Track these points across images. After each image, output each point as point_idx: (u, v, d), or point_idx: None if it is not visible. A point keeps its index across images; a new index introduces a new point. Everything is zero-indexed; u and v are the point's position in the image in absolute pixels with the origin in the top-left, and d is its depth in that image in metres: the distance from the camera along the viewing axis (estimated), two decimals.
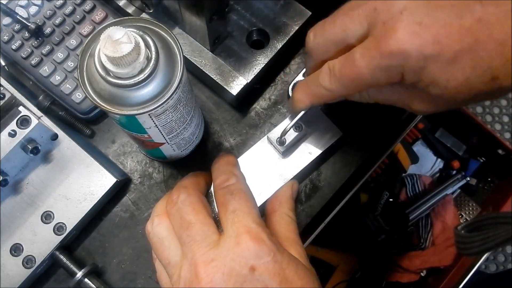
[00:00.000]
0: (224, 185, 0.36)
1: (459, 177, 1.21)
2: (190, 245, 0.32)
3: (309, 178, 0.48)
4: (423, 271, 1.17)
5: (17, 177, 0.44)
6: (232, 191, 0.35)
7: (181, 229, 0.33)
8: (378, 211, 1.15)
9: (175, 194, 0.35)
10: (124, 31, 0.30)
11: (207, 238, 0.32)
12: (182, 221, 0.34)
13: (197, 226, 0.33)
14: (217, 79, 0.46)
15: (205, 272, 0.31)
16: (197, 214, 0.34)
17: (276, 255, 0.32)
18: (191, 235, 0.33)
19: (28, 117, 0.42)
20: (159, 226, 0.35)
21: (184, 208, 0.34)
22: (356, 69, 0.31)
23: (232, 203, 0.34)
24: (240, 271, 0.31)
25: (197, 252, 0.32)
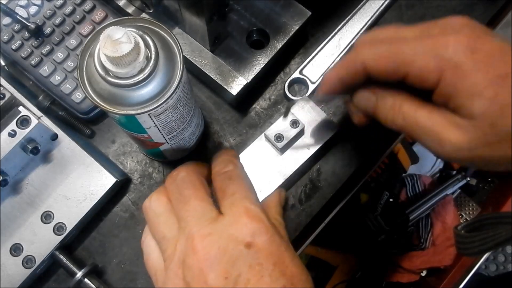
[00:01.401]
0: (222, 171, 0.36)
1: (459, 177, 1.21)
2: (187, 220, 0.32)
3: (309, 178, 0.48)
4: (423, 271, 1.17)
5: (17, 177, 0.44)
6: (230, 176, 0.35)
7: (180, 204, 0.34)
8: (378, 211, 1.15)
9: (175, 171, 0.36)
10: (124, 31, 0.30)
11: (205, 214, 0.32)
12: (181, 196, 0.34)
13: (196, 202, 0.33)
14: (217, 79, 0.46)
15: (201, 245, 0.31)
16: (196, 191, 0.34)
17: (274, 236, 0.32)
18: (189, 210, 0.33)
19: (28, 117, 0.42)
20: (157, 201, 0.35)
21: (183, 184, 0.34)
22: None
23: (230, 187, 0.34)
24: (236, 246, 0.31)
25: (194, 227, 0.32)
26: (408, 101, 0.36)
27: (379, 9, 0.51)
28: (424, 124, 0.35)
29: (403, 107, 0.36)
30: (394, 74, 0.34)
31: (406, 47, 0.34)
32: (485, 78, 0.31)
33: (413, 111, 0.35)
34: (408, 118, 0.36)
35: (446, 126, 0.34)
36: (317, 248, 1.14)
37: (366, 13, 0.51)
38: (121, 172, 0.47)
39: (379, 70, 0.35)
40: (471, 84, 0.32)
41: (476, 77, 0.32)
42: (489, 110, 0.31)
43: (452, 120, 0.33)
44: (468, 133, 0.32)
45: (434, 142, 0.34)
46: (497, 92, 0.31)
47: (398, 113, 0.36)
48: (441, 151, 0.34)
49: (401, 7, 0.53)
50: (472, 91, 0.32)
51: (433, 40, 0.33)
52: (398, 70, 0.34)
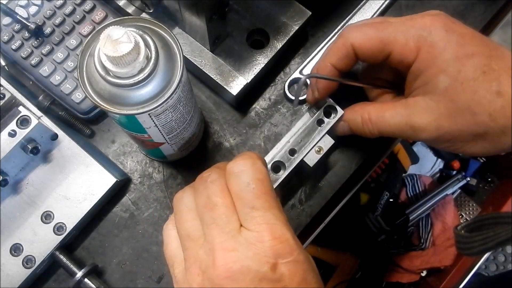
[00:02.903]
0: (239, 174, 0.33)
1: (459, 177, 1.21)
2: (211, 228, 0.31)
3: (309, 177, 0.48)
4: (423, 271, 1.17)
5: (17, 177, 0.44)
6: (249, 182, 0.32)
7: (205, 208, 0.32)
8: (378, 211, 1.15)
9: (206, 172, 0.34)
10: (124, 31, 0.30)
11: (229, 225, 0.31)
12: (208, 200, 0.32)
13: (222, 210, 0.32)
14: (217, 79, 0.46)
15: (224, 260, 0.30)
16: (224, 197, 0.32)
17: (299, 255, 0.31)
18: (214, 217, 0.31)
19: (28, 117, 0.42)
20: (190, 196, 0.34)
21: (212, 188, 0.33)
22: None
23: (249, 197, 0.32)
24: (260, 267, 0.30)
25: (217, 238, 0.31)
26: (373, 109, 0.40)
27: (379, 9, 0.51)
28: (394, 122, 0.38)
29: (372, 117, 0.40)
30: (379, 53, 0.38)
31: (390, 28, 0.37)
32: (453, 56, 0.35)
33: (381, 116, 0.39)
34: (381, 124, 0.39)
35: (412, 114, 0.37)
36: (317, 248, 1.14)
37: (366, 13, 0.51)
38: (121, 172, 0.47)
39: (367, 50, 0.38)
40: (440, 61, 0.35)
41: (446, 54, 0.35)
42: (451, 86, 0.35)
43: (417, 105, 0.37)
44: (432, 112, 0.36)
45: (409, 132, 0.38)
46: (460, 70, 0.34)
47: (370, 125, 0.40)
48: (417, 137, 0.37)
49: (401, 7, 0.53)
50: (439, 68, 0.35)
51: (412, 22, 0.37)
52: (383, 49, 0.37)
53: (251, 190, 0.32)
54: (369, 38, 0.38)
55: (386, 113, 0.39)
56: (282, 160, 0.41)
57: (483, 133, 0.35)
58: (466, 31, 0.36)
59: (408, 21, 0.37)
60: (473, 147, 0.36)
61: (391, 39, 0.37)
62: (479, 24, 0.53)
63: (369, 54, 0.38)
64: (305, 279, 0.31)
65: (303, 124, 0.43)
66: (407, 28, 0.37)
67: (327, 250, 1.15)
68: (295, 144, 0.42)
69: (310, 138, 0.42)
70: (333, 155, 0.49)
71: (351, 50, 0.39)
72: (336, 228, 1.08)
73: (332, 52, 0.40)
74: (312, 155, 0.42)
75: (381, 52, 0.38)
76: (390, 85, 0.44)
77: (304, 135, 0.43)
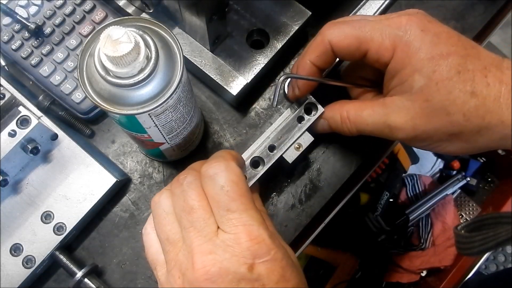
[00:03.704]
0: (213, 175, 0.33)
1: (459, 177, 1.21)
2: (189, 231, 0.32)
3: (309, 178, 0.48)
4: (423, 271, 1.16)
5: (17, 177, 0.44)
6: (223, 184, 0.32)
7: (183, 212, 0.33)
8: (378, 211, 1.14)
9: (182, 175, 0.35)
10: (124, 31, 0.30)
11: (206, 228, 0.32)
12: (185, 204, 0.33)
13: (199, 213, 0.32)
14: (217, 79, 0.46)
15: (202, 263, 0.30)
16: (201, 200, 0.33)
17: (277, 253, 0.31)
18: (192, 221, 0.32)
19: (28, 117, 0.42)
20: (168, 200, 0.34)
21: (189, 191, 0.33)
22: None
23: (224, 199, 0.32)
24: (238, 268, 0.30)
25: (195, 241, 0.31)
26: (352, 107, 0.40)
27: (379, 9, 0.51)
28: (372, 120, 0.38)
29: (350, 115, 0.40)
30: (356, 51, 0.38)
31: (367, 26, 0.37)
32: (428, 56, 0.35)
33: (359, 115, 0.39)
34: (359, 123, 0.40)
35: (389, 113, 0.37)
36: (317, 248, 1.14)
37: (366, 13, 0.51)
38: (121, 172, 0.47)
39: (343, 48, 0.38)
40: (415, 61, 0.35)
41: (420, 54, 0.35)
42: (425, 85, 0.35)
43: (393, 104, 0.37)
44: (408, 112, 0.36)
45: (386, 131, 0.38)
46: (435, 69, 0.34)
47: (349, 123, 0.40)
48: (394, 137, 0.38)
49: (401, 7, 0.53)
50: (414, 67, 0.35)
51: (389, 21, 0.37)
52: (360, 48, 0.38)
53: (225, 193, 0.32)
54: (346, 36, 0.38)
55: (364, 112, 0.39)
56: (261, 156, 0.42)
57: (458, 133, 0.35)
58: (442, 30, 0.36)
59: (385, 20, 0.37)
60: (449, 146, 0.37)
61: (367, 38, 0.37)
62: (479, 24, 0.53)
63: (346, 52, 0.38)
64: (284, 276, 0.31)
65: (283, 121, 0.43)
66: (384, 27, 0.37)
67: (327, 250, 1.15)
68: (274, 140, 0.42)
69: (290, 135, 0.43)
70: (333, 155, 0.49)
71: (329, 48, 0.39)
72: (336, 228, 1.08)
73: (311, 49, 0.40)
74: (292, 151, 0.43)
75: (358, 50, 0.38)
76: (372, 84, 0.44)
77: (284, 131, 0.43)
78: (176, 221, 0.33)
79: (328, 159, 0.49)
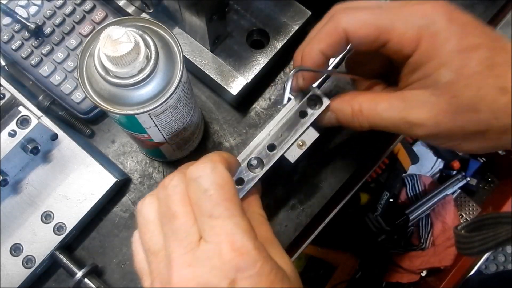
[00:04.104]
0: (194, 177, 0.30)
1: (459, 177, 1.21)
2: (171, 240, 0.30)
3: (309, 177, 0.48)
4: (423, 271, 1.16)
5: (17, 177, 0.44)
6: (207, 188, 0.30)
7: (165, 218, 0.30)
8: (378, 211, 1.14)
9: (168, 178, 0.32)
10: (124, 31, 0.30)
11: (188, 237, 0.29)
12: (167, 210, 0.30)
13: (181, 221, 0.30)
14: (217, 79, 0.46)
15: (180, 278, 0.28)
16: (184, 206, 0.30)
17: (264, 266, 0.28)
18: (173, 229, 0.30)
19: (28, 117, 0.42)
20: (149, 206, 0.32)
21: (172, 196, 0.31)
22: None
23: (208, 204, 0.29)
24: (218, 283, 0.27)
25: (175, 251, 0.29)
26: (365, 99, 0.37)
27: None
28: (388, 115, 0.35)
29: (364, 109, 0.36)
30: (375, 41, 0.34)
31: (388, 14, 0.34)
32: (456, 48, 0.32)
33: (373, 108, 0.36)
34: (373, 117, 0.36)
35: (409, 108, 0.34)
36: (317, 248, 1.14)
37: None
38: (121, 172, 0.47)
39: (361, 38, 0.34)
40: (443, 53, 0.32)
41: (449, 46, 0.32)
42: (453, 80, 0.32)
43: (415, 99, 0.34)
44: (432, 108, 0.33)
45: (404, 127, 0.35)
46: (464, 63, 0.32)
47: (361, 117, 0.37)
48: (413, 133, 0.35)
49: None
50: (442, 60, 0.32)
51: (412, 8, 0.33)
52: (379, 38, 0.34)
53: (209, 197, 0.29)
54: (364, 24, 0.34)
55: (379, 105, 0.36)
56: (259, 156, 0.38)
57: (484, 131, 0.33)
58: (468, 20, 0.33)
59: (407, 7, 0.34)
60: (470, 145, 0.35)
61: (389, 27, 0.33)
62: None
63: (364, 42, 0.35)
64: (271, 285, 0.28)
65: (284, 116, 0.39)
66: (407, 15, 0.33)
67: (327, 250, 1.15)
68: (274, 139, 0.38)
69: (292, 132, 0.38)
70: (333, 155, 0.49)
71: (343, 37, 0.35)
72: (336, 228, 1.08)
73: (321, 37, 0.36)
74: (294, 150, 0.38)
75: (376, 41, 0.34)
76: (379, 75, 0.41)
77: (286, 128, 0.38)
78: (158, 229, 0.31)
79: (328, 159, 0.48)
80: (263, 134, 0.39)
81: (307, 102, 0.39)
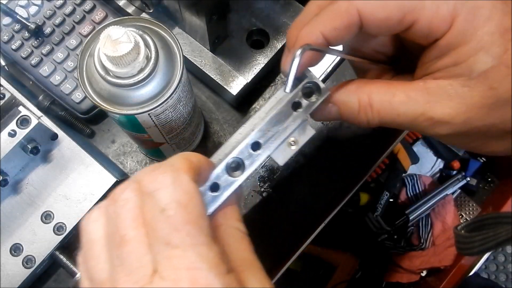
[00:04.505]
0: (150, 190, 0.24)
1: (459, 177, 1.21)
2: (117, 272, 0.23)
3: (309, 177, 0.48)
4: (423, 271, 1.17)
5: (17, 177, 0.44)
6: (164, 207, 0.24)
7: (113, 243, 0.24)
8: (378, 211, 1.15)
9: (120, 189, 0.25)
10: (124, 31, 0.30)
11: (139, 270, 0.23)
12: (116, 231, 0.24)
13: (131, 247, 0.23)
14: (217, 79, 0.46)
15: None
16: (136, 228, 0.24)
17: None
18: (122, 257, 0.23)
19: (28, 117, 0.42)
20: (95, 224, 0.26)
21: (122, 213, 0.24)
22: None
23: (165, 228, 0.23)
24: None
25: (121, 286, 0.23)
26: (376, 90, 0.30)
27: None
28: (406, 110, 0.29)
29: (374, 101, 0.30)
30: (398, 25, 0.28)
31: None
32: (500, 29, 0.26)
33: (387, 101, 0.29)
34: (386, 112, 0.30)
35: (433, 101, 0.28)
36: (317, 248, 1.14)
37: None
38: (121, 172, 0.47)
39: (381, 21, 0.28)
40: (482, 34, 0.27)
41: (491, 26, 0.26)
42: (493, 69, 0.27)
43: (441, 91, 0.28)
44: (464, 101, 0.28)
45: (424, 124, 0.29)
46: (507, 48, 0.26)
47: (370, 112, 0.30)
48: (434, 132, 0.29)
49: None
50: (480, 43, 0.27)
51: None
52: (403, 20, 0.28)
53: (166, 218, 0.23)
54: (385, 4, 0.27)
55: (395, 98, 0.29)
56: (241, 157, 0.29)
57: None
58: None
59: None
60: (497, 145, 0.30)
61: (417, 6, 0.27)
62: None
63: (383, 27, 0.28)
64: None
65: (273, 107, 0.31)
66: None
67: (327, 250, 1.15)
68: (260, 135, 0.30)
69: (282, 127, 0.30)
70: (333, 155, 0.49)
71: (356, 19, 0.28)
72: (336, 228, 1.08)
73: (327, 17, 0.29)
74: (284, 150, 0.31)
75: (400, 24, 0.28)
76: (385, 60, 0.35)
77: (275, 122, 0.30)
78: (104, 254, 0.25)
79: (328, 158, 0.48)
80: (246, 129, 0.31)
81: (302, 91, 0.31)
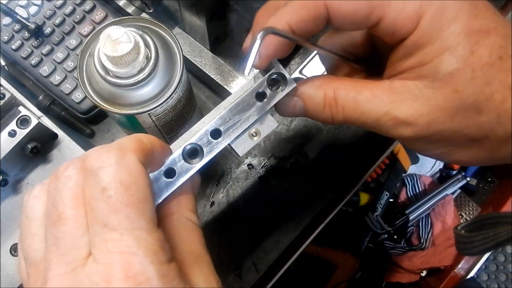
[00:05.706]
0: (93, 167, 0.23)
1: (459, 177, 1.21)
2: (51, 251, 0.22)
3: (309, 178, 0.48)
4: (423, 271, 1.17)
5: (17, 177, 0.44)
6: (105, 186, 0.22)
7: (49, 221, 0.23)
8: (378, 211, 1.15)
9: (63, 166, 0.24)
10: (124, 31, 0.30)
11: (72, 251, 0.22)
12: (53, 209, 0.23)
13: (68, 226, 0.22)
14: (217, 79, 0.46)
15: None
16: (76, 207, 0.23)
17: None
18: (57, 237, 0.22)
19: (28, 117, 0.42)
20: (35, 201, 0.25)
21: (62, 190, 0.23)
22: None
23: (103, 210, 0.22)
24: None
25: (53, 269, 0.22)
26: (342, 86, 0.29)
27: None
28: (370, 108, 0.28)
29: (339, 97, 0.29)
30: (364, 20, 0.27)
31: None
32: (466, 30, 0.26)
33: (352, 97, 0.29)
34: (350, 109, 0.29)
35: (397, 101, 0.28)
36: (317, 247, 1.14)
37: None
38: None
39: (347, 15, 0.28)
40: (448, 34, 0.26)
41: (457, 26, 0.26)
42: (458, 71, 0.26)
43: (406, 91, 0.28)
44: (427, 103, 0.27)
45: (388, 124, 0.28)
46: (472, 50, 0.26)
47: (335, 107, 0.30)
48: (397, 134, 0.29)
49: None
50: (446, 44, 0.26)
51: None
52: (370, 15, 0.27)
53: (106, 198, 0.22)
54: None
55: (360, 95, 0.29)
56: (199, 144, 0.29)
57: (483, 138, 0.27)
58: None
59: None
60: (462, 154, 0.29)
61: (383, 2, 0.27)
62: None
63: (350, 21, 0.28)
64: None
65: (237, 96, 0.31)
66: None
67: (327, 250, 1.15)
68: (221, 123, 0.30)
69: (244, 116, 0.30)
70: (333, 155, 0.49)
71: (323, 12, 0.28)
72: (336, 228, 1.08)
73: (293, 8, 0.28)
74: (244, 140, 0.31)
75: (367, 19, 0.27)
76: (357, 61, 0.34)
77: (237, 110, 0.30)
78: (41, 233, 0.24)
79: (328, 158, 0.48)
80: (209, 117, 0.31)
81: (267, 82, 0.31)
